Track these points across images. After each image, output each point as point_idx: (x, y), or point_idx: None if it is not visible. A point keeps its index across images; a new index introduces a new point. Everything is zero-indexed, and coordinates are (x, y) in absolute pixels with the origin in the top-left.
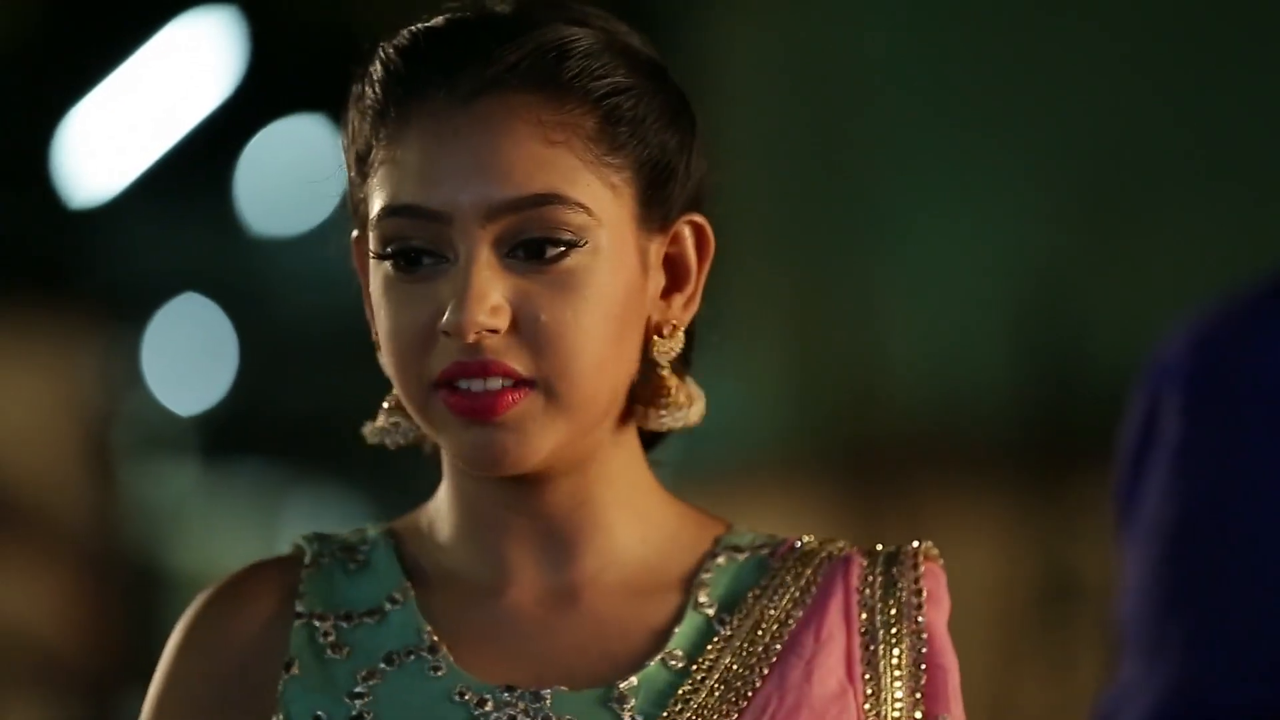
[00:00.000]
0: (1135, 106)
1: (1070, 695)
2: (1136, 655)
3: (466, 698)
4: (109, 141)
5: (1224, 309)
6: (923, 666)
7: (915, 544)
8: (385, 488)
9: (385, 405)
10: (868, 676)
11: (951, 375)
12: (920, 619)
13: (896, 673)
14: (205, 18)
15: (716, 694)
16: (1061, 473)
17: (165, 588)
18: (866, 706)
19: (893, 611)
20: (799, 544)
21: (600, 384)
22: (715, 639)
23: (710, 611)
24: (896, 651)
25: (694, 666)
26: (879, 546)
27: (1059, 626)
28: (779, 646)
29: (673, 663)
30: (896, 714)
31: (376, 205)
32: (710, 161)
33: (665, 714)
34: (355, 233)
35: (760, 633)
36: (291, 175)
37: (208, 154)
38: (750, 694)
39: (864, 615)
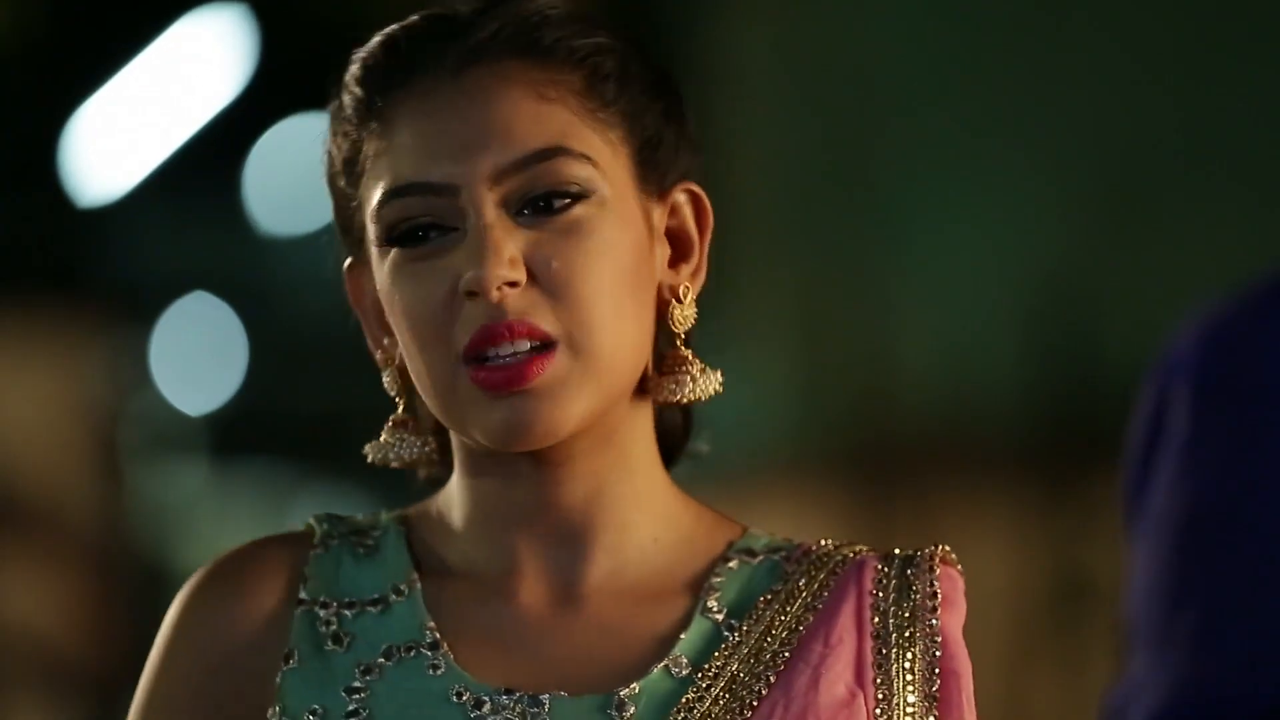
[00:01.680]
0: (1144, 107)
1: (1083, 696)
2: (1145, 650)
3: (464, 699)
4: (117, 140)
5: (1231, 305)
6: (936, 671)
7: (932, 547)
8: (395, 487)
9: (389, 423)
10: (879, 681)
11: (962, 376)
12: (934, 622)
13: (909, 677)
14: (214, 16)
15: (721, 702)
16: (1073, 473)
17: (173, 588)
18: (877, 711)
19: (906, 615)
20: (814, 548)
21: (620, 339)
22: (723, 645)
23: (719, 617)
24: (909, 655)
25: (699, 674)
26: (896, 550)
27: (1071, 627)
28: (787, 653)
29: (677, 670)
30: (908, 719)
31: (376, 195)
32: (719, 158)
33: None
34: (349, 260)
35: (770, 639)
36: (301, 174)
37: (217, 153)
38: (755, 703)
39: (876, 619)
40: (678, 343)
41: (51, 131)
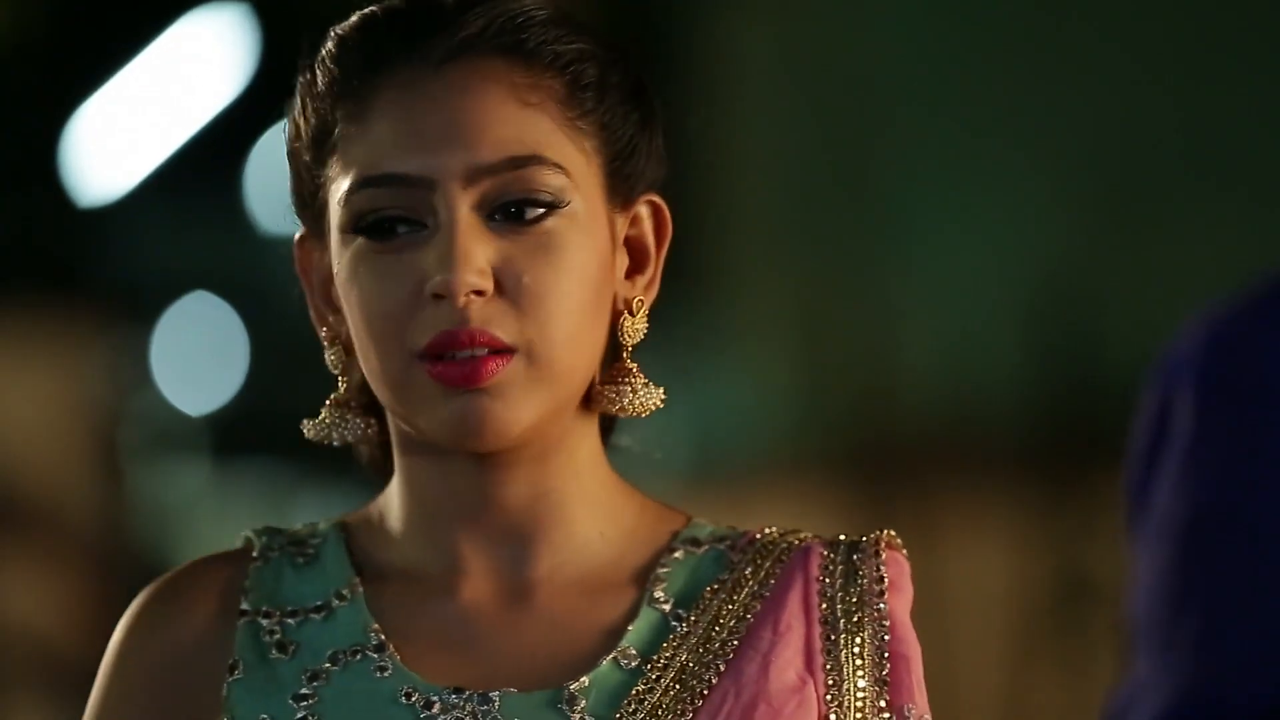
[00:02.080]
0: (1144, 107)
1: (1085, 696)
2: (1147, 653)
3: (413, 699)
4: (118, 140)
5: (1235, 305)
6: (885, 655)
7: (878, 532)
8: None
9: (329, 401)
10: (829, 666)
11: (964, 376)
12: (881, 606)
13: (858, 661)
14: (215, 15)
15: (672, 693)
16: (1075, 473)
17: None
18: (828, 697)
19: (854, 600)
20: (759, 536)
21: (578, 353)
22: (671, 636)
23: (666, 607)
24: (858, 640)
25: (648, 665)
26: (841, 536)
27: (1073, 627)
28: (736, 641)
29: (626, 662)
30: (859, 704)
31: (346, 181)
32: (721, 158)
33: (618, 715)
34: (300, 232)
35: (718, 628)
36: None
37: (217, 152)
38: (706, 692)
39: (824, 605)
40: (624, 355)
41: (51, 131)
